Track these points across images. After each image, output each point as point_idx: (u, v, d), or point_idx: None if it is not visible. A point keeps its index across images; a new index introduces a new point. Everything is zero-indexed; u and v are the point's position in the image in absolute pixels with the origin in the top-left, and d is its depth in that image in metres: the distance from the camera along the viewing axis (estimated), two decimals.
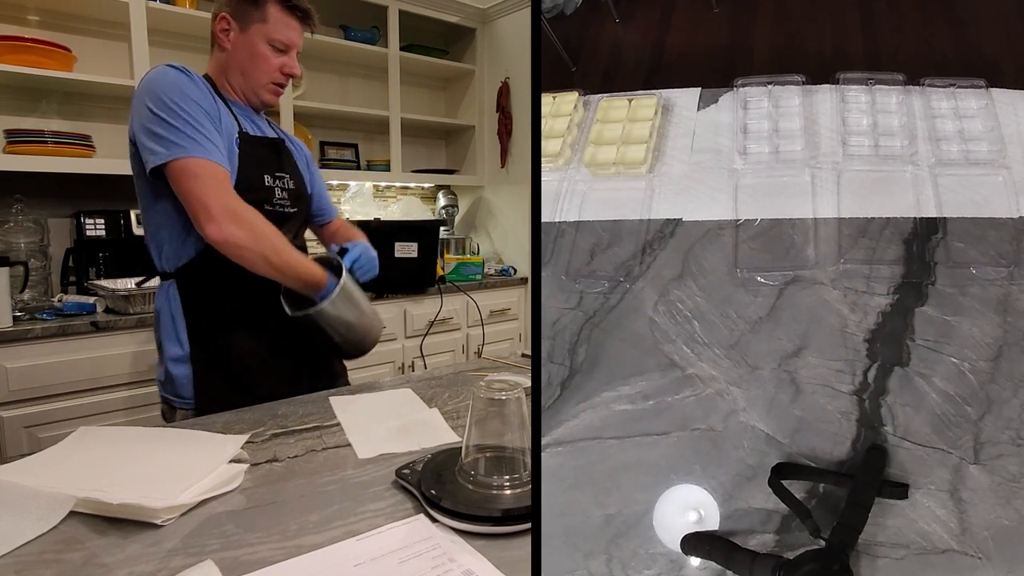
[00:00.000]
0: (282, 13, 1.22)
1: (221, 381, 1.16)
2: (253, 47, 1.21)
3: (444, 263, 2.74)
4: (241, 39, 1.21)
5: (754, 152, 0.73)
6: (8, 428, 1.67)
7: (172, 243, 1.14)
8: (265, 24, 1.21)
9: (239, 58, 1.21)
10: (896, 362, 0.59)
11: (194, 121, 1.08)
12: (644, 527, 0.57)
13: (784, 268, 0.65)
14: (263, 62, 1.22)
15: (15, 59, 1.86)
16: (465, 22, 3.07)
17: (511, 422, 0.69)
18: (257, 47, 1.21)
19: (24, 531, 0.61)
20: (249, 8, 1.20)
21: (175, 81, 1.09)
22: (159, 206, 1.13)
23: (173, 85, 1.08)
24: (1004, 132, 0.69)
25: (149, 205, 1.14)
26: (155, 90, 1.07)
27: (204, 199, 1.04)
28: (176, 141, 1.05)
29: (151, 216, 1.15)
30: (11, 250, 1.96)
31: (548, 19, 0.90)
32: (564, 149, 0.78)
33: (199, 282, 1.16)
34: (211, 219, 1.04)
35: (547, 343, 0.67)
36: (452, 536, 0.62)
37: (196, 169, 1.05)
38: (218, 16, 1.21)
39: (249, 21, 1.20)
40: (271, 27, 1.21)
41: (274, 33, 1.22)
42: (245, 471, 0.76)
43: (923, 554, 0.53)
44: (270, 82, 1.24)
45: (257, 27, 1.20)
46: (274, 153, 1.27)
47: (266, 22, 1.21)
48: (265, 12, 1.21)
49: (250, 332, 1.19)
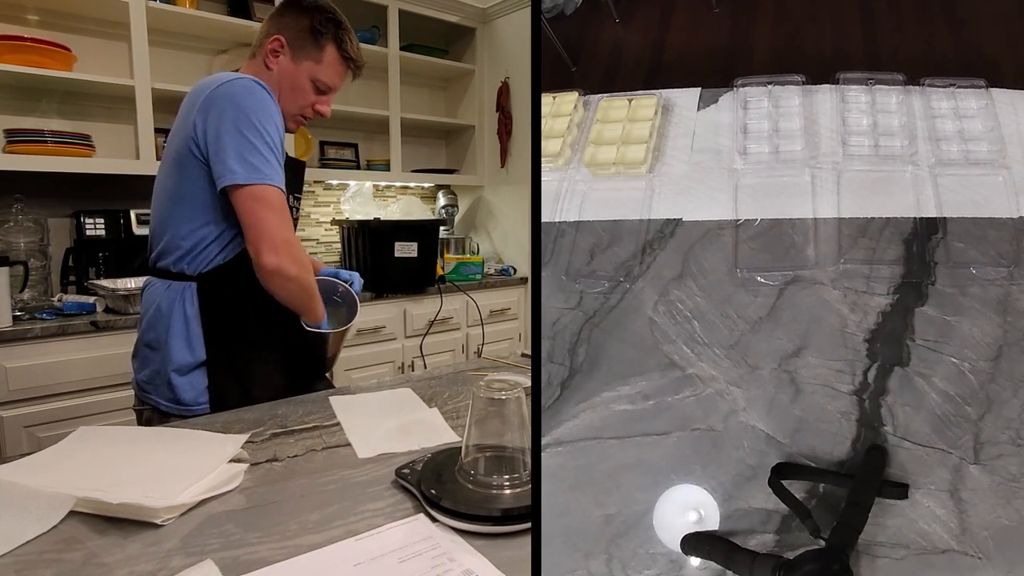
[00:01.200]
0: (337, 59, 1.25)
1: (234, 390, 1.15)
2: (298, 80, 1.23)
3: (444, 263, 2.74)
4: (289, 67, 1.22)
5: (754, 152, 0.73)
6: (8, 428, 1.67)
7: (206, 249, 1.14)
8: (318, 64, 1.23)
9: (280, 83, 1.22)
10: (896, 362, 0.59)
11: (276, 148, 1.10)
12: (644, 527, 0.57)
13: (784, 268, 0.65)
14: (301, 97, 1.25)
15: (15, 59, 1.86)
16: (465, 22, 3.07)
17: (511, 422, 0.69)
18: (301, 81, 1.23)
19: (24, 531, 0.61)
20: (308, 43, 1.22)
21: (266, 104, 1.11)
22: (207, 214, 1.12)
23: (264, 107, 1.10)
24: (1004, 132, 0.69)
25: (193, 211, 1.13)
26: (247, 107, 1.08)
27: (269, 229, 1.07)
28: (259, 167, 1.07)
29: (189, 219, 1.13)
30: (11, 250, 1.96)
31: (548, 19, 0.90)
32: (564, 149, 0.78)
33: (222, 289, 1.15)
34: (273, 250, 1.07)
35: (547, 343, 0.67)
36: (452, 536, 0.62)
37: (270, 198, 1.08)
38: (272, 35, 1.22)
39: (304, 55, 1.22)
40: (322, 69, 1.24)
41: (322, 75, 1.24)
42: (245, 471, 0.76)
43: (923, 554, 0.53)
44: (299, 114, 1.27)
45: (309, 64, 1.23)
46: (296, 173, 1.30)
47: (320, 63, 1.23)
48: (322, 53, 1.23)
49: (264, 343, 1.20)
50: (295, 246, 1.11)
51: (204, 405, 1.14)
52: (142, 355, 1.20)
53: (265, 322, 1.19)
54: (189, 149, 1.10)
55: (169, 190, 1.15)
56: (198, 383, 1.14)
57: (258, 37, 1.25)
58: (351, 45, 1.27)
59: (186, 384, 1.13)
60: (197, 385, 1.14)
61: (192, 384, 1.14)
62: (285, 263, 1.08)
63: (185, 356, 1.14)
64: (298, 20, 1.22)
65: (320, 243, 2.91)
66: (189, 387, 1.13)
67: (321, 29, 1.22)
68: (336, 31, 1.24)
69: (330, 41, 1.24)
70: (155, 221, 1.19)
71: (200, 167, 1.10)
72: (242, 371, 1.17)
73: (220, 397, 1.14)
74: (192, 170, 1.11)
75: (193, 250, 1.14)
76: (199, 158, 1.09)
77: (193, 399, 1.14)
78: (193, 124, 1.09)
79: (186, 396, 1.13)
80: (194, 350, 1.14)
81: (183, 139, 1.11)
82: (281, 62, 1.22)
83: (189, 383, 1.14)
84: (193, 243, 1.13)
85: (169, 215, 1.15)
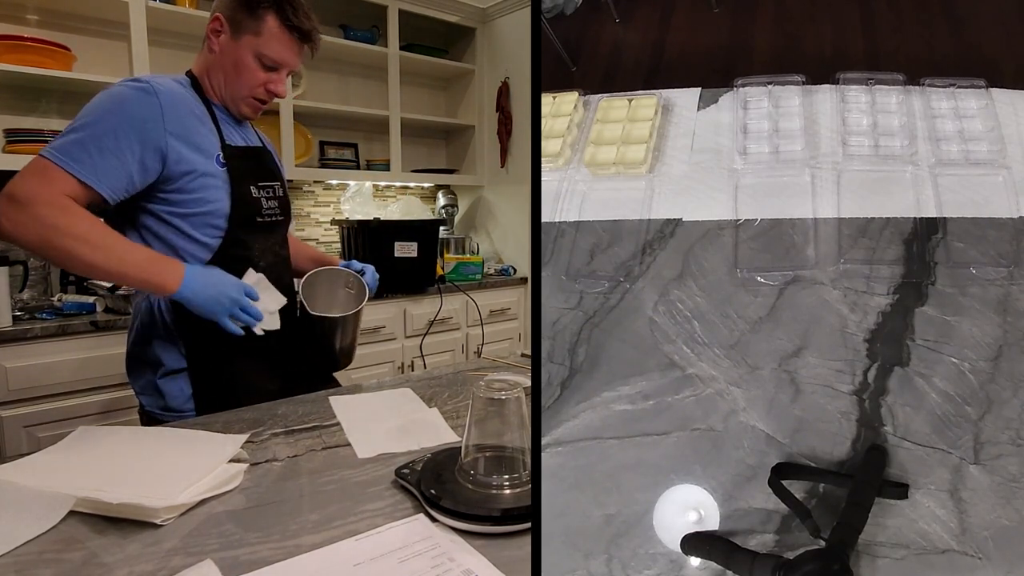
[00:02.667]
0: (279, 29, 1.14)
1: (219, 396, 1.12)
2: (240, 57, 1.14)
3: (444, 263, 2.74)
4: (230, 45, 1.14)
5: (754, 152, 0.73)
6: (8, 428, 1.67)
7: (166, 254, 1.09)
8: (258, 37, 1.13)
9: (223, 64, 1.15)
10: (896, 362, 0.59)
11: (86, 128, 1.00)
12: (644, 527, 0.57)
13: (784, 268, 0.65)
14: (247, 75, 1.15)
15: (15, 59, 1.86)
16: (465, 22, 3.07)
17: (511, 422, 0.69)
18: (244, 58, 1.14)
19: (24, 531, 0.61)
20: (245, 16, 1.13)
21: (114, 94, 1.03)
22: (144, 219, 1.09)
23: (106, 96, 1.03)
24: (1004, 132, 0.69)
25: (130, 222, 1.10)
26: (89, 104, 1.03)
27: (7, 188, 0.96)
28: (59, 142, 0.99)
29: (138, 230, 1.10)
30: (11, 249, 1.95)
31: (548, 19, 0.90)
32: (564, 149, 0.78)
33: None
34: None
35: (547, 343, 0.67)
36: (452, 536, 0.62)
37: (33, 165, 0.98)
38: (212, 15, 1.14)
39: (242, 30, 1.13)
40: (263, 41, 1.14)
41: (265, 48, 1.14)
42: (245, 471, 0.76)
43: (923, 554, 0.53)
44: (250, 96, 1.17)
45: (249, 38, 1.13)
46: (259, 162, 1.22)
47: (259, 35, 1.13)
48: (261, 24, 1.13)
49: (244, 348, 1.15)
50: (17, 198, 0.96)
51: (191, 412, 1.12)
52: (131, 363, 1.18)
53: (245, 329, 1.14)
54: None
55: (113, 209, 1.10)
56: (184, 389, 1.12)
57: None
58: (294, 12, 1.14)
59: (173, 390, 1.12)
60: (184, 391, 1.12)
61: (179, 390, 1.12)
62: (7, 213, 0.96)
63: (168, 363, 1.12)
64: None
65: (320, 243, 2.91)
66: (177, 393, 1.12)
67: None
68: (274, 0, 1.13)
69: (269, 11, 1.12)
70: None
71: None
72: (225, 377, 1.14)
73: (206, 403, 1.12)
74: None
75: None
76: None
77: (180, 405, 1.12)
78: None
79: (174, 402, 1.12)
80: (176, 357, 1.12)
81: None
82: (222, 42, 1.14)
83: (176, 389, 1.12)
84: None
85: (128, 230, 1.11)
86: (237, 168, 1.14)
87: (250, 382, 1.16)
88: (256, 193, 1.18)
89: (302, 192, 2.84)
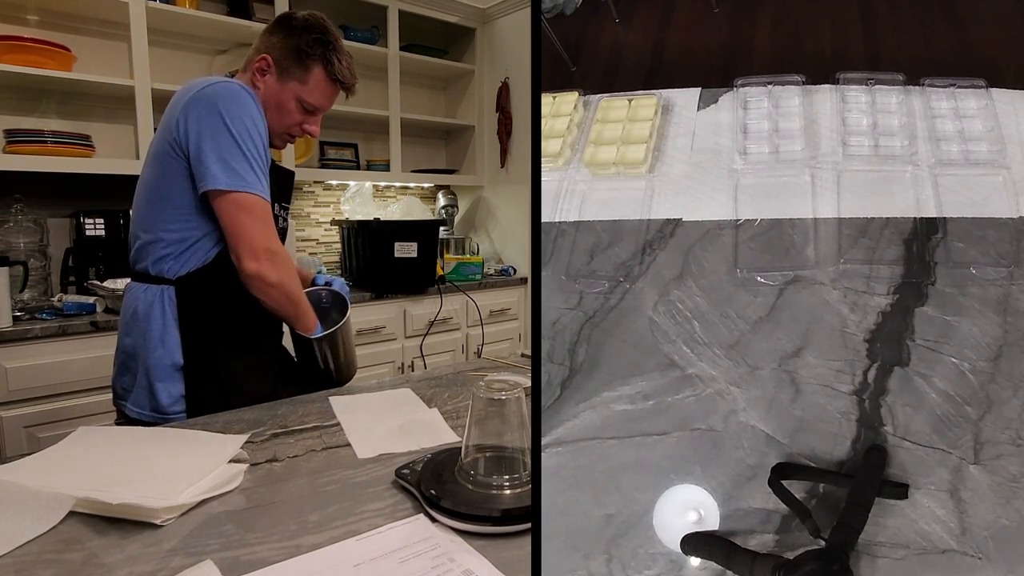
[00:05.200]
0: (324, 80, 1.22)
1: (212, 396, 1.12)
2: (283, 100, 1.21)
3: (444, 263, 2.74)
4: (274, 87, 1.21)
5: (754, 152, 0.73)
6: (8, 428, 1.67)
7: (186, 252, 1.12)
8: (304, 85, 1.21)
9: (266, 102, 1.20)
10: (896, 362, 0.59)
11: (260, 156, 1.10)
12: (644, 527, 0.57)
13: (784, 268, 0.65)
14: (287, 117, 1.23)
15: (15, 59, 1.86)
16: (465, 22, 3.07)
17: (511, 422, 0.69)
18: (287, 102, 1.21)
19: (24, 531, 0.61)
20: (293, 64, 1.20)
21: (250, 110, 1.10)
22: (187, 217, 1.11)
23: (248, 113, 1.09)
24: (1004, 132, 0.69)
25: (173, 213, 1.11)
26: (231, 111, 1.07)
27: (251, 236, 1.07)
28: (242, 174, 1.06)
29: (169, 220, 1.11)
30: (11, 250, 1.96)
31: (548, 19, 0.90)
32: (564, 149, 0.78)
33: (201, 293, 1.14)
34: (253, 256, 1.08)
35: (547, 343, 0.67)
36: (452, 536, 0.62)
37: (252, 206, 1.08)
38: (260, 53, 1.20)
39: (289, 76, 1.20)
40: (308, 89, 1.21)
41: (308, 96, 1.22)
42: (245, 471, 0.76)
43: (923, 554, 0.53)
44: (286, 133, 1.25)
45: (295, 84, 1.21)
46: (283, 182, 1.29)
47: (305, 84, 1.21)
48: (308, 74, 1.21)
49: (245, 349, 1.18)
50: (278, 254, 1.11)
51: (181, 413, 1.12)
52: (119, 360, 1.18)
53: (245, 328, 1.18)
54: (171, 148, 1.09)
55: (150, 190, 1.13)
56: (175, 389, 1.12)
57: (249, 53, 1.24)
58: (340, 66, 1.23)
59: (163, 390, 1.12)
60: (174, 391, 1.12)
61: (169, 390, 1.12)
62: (265, 269, 1.09)
63: (162, 360, 1.12)
64: (286, 40, 1.20)
65: (320, 243, 2.91)
66: (166, 393, 1.12)
67: (308, 51, 1.20)
68: (324, 52, 1.21)
69: (317, 62, 1.21)
70: (135, 221, 1.17)
71: (181, 168, 1.09)
72: (220, 377, 1.14)
73: (197, 403, 1.12)
74: (172, 170, 1.10)
75: (172, 253, 1.12)
76: (179, 158, 1.09)
77: (169, 405, 1.12)
78: (176, 123, 1.08)
79: (163, 402, 1.12)
80: (171, 354, 1.12)
81: (164, 138, 1.10)
82: (267, 81, 1.20)
83: (166, 389, 1.12)
84: (172, 245, 1.12)
85: (149, 215, 1.13)
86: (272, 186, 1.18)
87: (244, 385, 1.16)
88: (277, 210, 1.24)
89: (302, 192, 2.84)
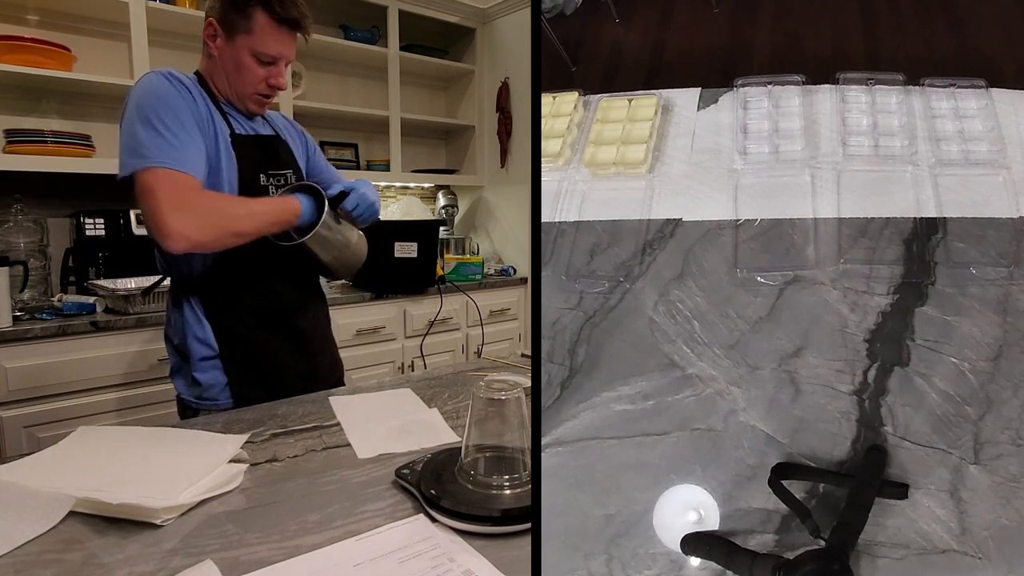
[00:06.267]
0: (270, 24, 1.16)
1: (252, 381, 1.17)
2: (238, 58, 1.16)
3: (444, 263, 2.74)
4: (227, 48, 1.16)
5: (754, 152, 0.73)
6: (8, 428, 1.67)
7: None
8: (251, 35, 1.15)
9: (224, 66, 1.17)
10: (896, 362, 0.59)
11: (167, 122, 1.05)
12: (644, 527, 0.57)
13: (784, 268, 0.65)
14: (248, 74, 1.17)
15: (15, 59, 1.86)
16: (465, 22, 3.07)
17: (511, 422, 0.69)
18: (242, 58, 1.16)
19: (24, 531, 0.61)
20: (235, 16, 1.15)
21: (153, 87, 1.07)
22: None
23: (150, 91, 1.07)
24: (1004, 132, 0.69)
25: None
26: (133, 97, 1.07)
27: (156, 215, 1.01)
28: (139, 151, 1.03)
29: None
30: (11, 250, 1.96)
31: (548, 19, 0.90)
32: (564, 149, 0.78)
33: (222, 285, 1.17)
34: (166, 235, 1.01)
35: (547, 343, 0.67)
36: (452, 536, 0.62)
37: (147, 183, 1.02)
38: (206, 20, 1.17)
39: (235, 30, 1.15)
40: (257, 39, 1.16)
41: (260, 46, 1.16)
42: (245, 471, 0.76)
43: (923, 554, 0.53)
44: (255, 93, 1.20)
45: (243, 37, 1.15)
46: (268, 151, 1.25)
47: (252, 33, 1.15)
48: (251, 22, 1.15)
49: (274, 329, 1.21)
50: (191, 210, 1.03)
51: (228, 400, 1.16)
52: (168, 350, 1.23)
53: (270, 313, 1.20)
54: None
55: None
56: (218, 378, 1.17)
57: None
58: (281, 4, 1.16)
59: (206, 379, 1.16)
60: (218, 380, 1.16)
61: (213, 379, 1.16)
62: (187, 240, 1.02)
63: (200, 351, 1.16)
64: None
65: None
66: (210, 381, 1.16)
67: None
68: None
69: (256, 7, 1.14)
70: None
71: None
72: (257, 362, 1.19)
73: (240, 390, 1.16)
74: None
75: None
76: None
77: (215, 394, 1.16)
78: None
79: (208, 391, 1.16)
80: (208, 345, 1.16)
81: None
82: (218, 45, 1.17)
83: (209, 378, 1.16)
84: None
85: None
86: (244, 156, 1.17)
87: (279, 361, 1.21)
88: (264, 181, 1.21)
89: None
